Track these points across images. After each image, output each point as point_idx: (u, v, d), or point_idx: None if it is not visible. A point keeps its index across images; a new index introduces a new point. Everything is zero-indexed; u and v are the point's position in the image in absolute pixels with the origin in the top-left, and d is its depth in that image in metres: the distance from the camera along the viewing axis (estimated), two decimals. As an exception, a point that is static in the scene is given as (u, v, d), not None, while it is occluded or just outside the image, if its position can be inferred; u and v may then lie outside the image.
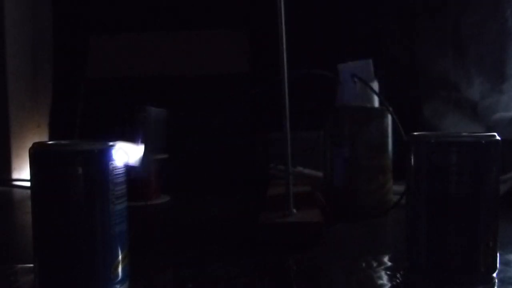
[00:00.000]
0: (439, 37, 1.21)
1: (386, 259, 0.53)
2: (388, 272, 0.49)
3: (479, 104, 1.19)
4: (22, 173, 1.31)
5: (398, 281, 0.47)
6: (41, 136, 1.39)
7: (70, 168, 0.41)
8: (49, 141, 0.47)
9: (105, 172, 0.42)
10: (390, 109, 0.79)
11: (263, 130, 1.14)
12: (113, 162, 0.42)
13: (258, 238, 0.62)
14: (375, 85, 0.81)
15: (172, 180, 1.01)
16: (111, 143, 0.42)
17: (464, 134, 0.46)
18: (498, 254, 0.45)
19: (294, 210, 0.66)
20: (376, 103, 0.82)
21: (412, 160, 0.46)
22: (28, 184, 1.12)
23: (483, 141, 0.44)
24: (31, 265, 0.44)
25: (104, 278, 0.42)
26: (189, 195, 1.03)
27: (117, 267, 0.43)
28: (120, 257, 0.43)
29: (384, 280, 0.47)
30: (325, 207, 0.75)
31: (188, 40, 1.32)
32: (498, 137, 0.45)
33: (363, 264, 0.51)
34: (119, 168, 0.43)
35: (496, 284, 0.45)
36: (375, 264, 0.51)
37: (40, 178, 0.42)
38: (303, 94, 0.82)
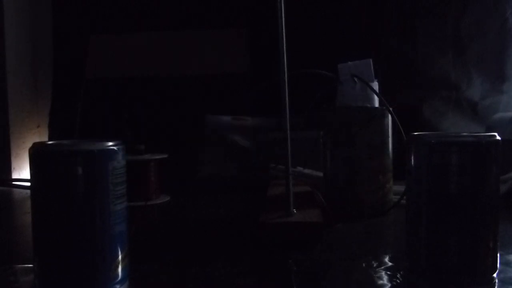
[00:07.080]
0: (439, 37, 1.21)
1: (386, 259, 0.53)
2: (388, 272, 0.49)
3: (479, 104, 1.19)
4: (22, 173, 1.31)
5: (398, 281, 0.47)
6: (41, 136, 1.39)
7: (70, 168, 0.41)
8: (49, 141, 0.47)
9: (105, 172, 0.42)
10: (390, 109, 0.79)
11: (263, 130, 1.14)
12: (113, 162, 0.42)
13: (258, 238, 0.62)
14: (375, 85, 0.81)
15: (172, 180, 1.01)
16: (111, 143, 0.42)
17: (464, 134, 0.46)
18: (498, 254, 0.45)
19: (294, 210, 0.66)
20: (376, 103, 0.82)
21: (412, 160, 0.46)
22: (28, 184, 1.12)
23: (483, 141, 0.44)
24: (31, 265, 0.44)
25: (104, 278, 0.42)
26: (189, 195, 1.03)
27: (117, 267, 0.43)
28: (120, 257, 0.43)
29: (384, 280, 0.47)
30: (325, 207, 0.75)
31: (188, 40, 1.32)
32: (498, 137, 0.45)
33: (363, 264, 0.51)
34: (119, 168, 0.43)
35: (497, 284, 0.45)
36: (375, 264, 0.51)
37: (40, 178, 0.42)
38: (303, 94, 0.82)
